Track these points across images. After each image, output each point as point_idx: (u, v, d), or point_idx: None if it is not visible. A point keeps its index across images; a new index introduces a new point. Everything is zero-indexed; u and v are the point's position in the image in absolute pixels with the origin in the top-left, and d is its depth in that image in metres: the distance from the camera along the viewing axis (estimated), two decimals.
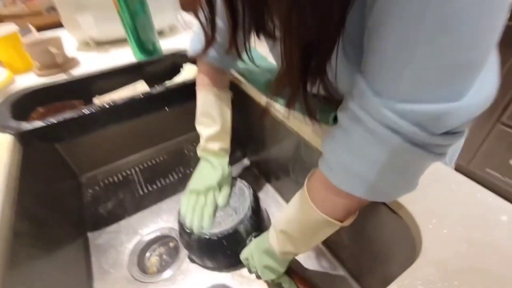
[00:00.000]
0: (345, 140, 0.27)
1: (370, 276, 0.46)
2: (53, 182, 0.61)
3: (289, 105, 0.31)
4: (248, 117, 0.66)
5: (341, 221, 0.33)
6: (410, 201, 0.33)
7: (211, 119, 0.54)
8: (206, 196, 0.53)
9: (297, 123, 0.48)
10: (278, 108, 0.52)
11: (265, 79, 0.58)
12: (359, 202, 0.31)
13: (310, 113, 0.33)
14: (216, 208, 0.53)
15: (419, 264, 0.28)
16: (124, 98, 0.55)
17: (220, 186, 0.54)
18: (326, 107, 0.48)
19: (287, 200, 0.66)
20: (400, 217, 0.34)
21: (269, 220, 0.63)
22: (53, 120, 0.52)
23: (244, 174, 0.75)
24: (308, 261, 0.55)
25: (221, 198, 0.54)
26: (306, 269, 0.54)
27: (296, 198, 0.38)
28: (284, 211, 0.41)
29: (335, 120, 0.46)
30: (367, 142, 0.25)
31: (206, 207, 0.52)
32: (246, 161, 0.79)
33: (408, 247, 0.35)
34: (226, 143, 0.56)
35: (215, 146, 0.55)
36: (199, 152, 0.57)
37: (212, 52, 0.50)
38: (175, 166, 0.78)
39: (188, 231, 0.52)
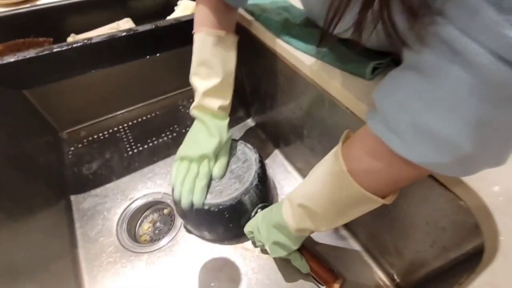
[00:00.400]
0: (427, 88, 0.18)
1: (394, 257, 0.41)
2: (24, 137, 0.51)
3: (358, 23, 0.20)
4: (255, 66, 0.54)
5: (382, 198, 0.26)
6: (474, 178, 0.25)
7: (210, 69, 0.43)
8: (199, 165, 0.44)
9: (320, 73, 0.38)
10: (296, 54, 0.41)
11: (281, 18, 0.46)
12: (417, 176, 0.23)
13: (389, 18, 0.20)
14: (210, 180, 0.45)
15: (498, 267, 0.21)
16: (102, 35, 0.44)
17: (216, 154, 0.45)
18: (362, 56, 0.37)
19: (298, 168, 0.58)
20: (456, 197, 0.27)
21: (276, 190, 0.56)
22: (11, 59, 0.41)
23: (247, 137, 0.66)
24: (318, 234, 0.49)
25: (217, 169, 0.45)
26: (317, 244, 0.49)
27: (323, 167, 0.30)
28: (304, 182, 0.33)
29: (374, 72, 0.37)
30: (467, 90, 0.16)
31: (198, 178, 0.44)
32: (250, 122, 0.70)
33: (462, 233, 0.28)
34: (226, 100, 0.46)
35: (213, 103, 0.45)
36: (193, 111, 0.46)
37: None
38: (169, 124, 0.69)
39: None
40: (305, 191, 0.32)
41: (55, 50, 0.41)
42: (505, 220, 0.23)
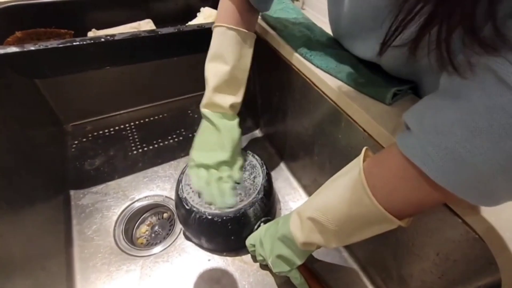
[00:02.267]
0: (473, 117, 0.18)
1: (397, 285, 0.40)
2: (30, 126, 0.51)
3: (416, 39, 0.20)
4: (271, 78, 0.55)
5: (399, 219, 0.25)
6: (490, 211, 0.25)
7: (225, 63, 0.42)
8: (218, 169, 0.45)
9: (339, 93, 0.38)
10: (316, 71, 0.41)
11: (303, 36, 0.47)
12: (442, 201, 0.23)
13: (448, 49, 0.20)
14: (234, 183, 0.46)
15: None
16: (125, 33, 0.44)
17: (233, 158, 0.46)
18: (382, 81, 0.38)
19: (303, 184, 0.58)
20: (472, 230, 0.27)
21: (279, 204, 0.55)
22: (32, 47, 0.40)
23: (254, 148, 0.66)
24: (318, 253, 0.49)
25: (237, 174, 0.46)
26: (315, 261, 0.48)
27: (341, 181, 0.29)
28: (317, 195, 0.32)
29: (394, 97, 0.37)
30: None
31: (223, 181, 0.45)
32: (258, 133, 0.70)
33: (475, 267, 0.28)
34: (238, 98, 0.45)
35: (225, 100, 0.44)
36: (203, 108, 0.45)
37: None
38: (176, 127, 0.69)
39: (187, 207, 0.44)
40: (319, 204, 0.31)
41: (77, 43, 0.41)
42: None
